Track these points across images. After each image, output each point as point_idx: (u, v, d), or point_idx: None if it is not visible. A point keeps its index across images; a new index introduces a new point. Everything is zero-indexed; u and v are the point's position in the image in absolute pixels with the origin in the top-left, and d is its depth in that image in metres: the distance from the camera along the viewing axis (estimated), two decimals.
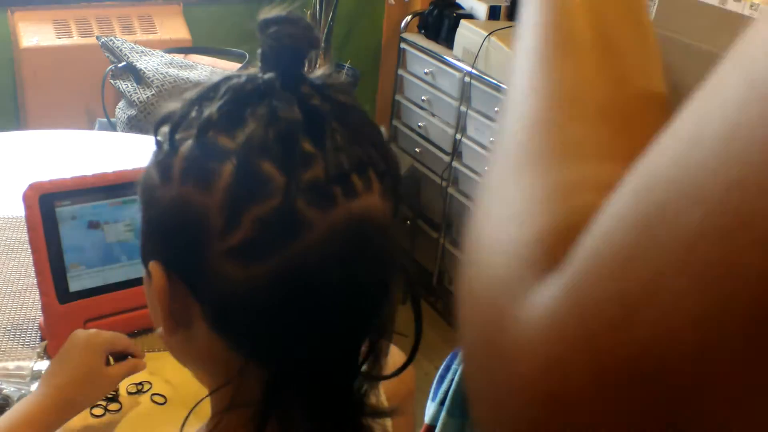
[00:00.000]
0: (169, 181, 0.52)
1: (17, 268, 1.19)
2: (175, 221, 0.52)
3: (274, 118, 0.50)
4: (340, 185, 0.50)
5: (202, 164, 0.51)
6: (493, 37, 2.04)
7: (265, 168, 0.49)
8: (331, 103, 0.52)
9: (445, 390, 0.96)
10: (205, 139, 0.51)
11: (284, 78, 0.52)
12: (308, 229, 0.49)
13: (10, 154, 1.57)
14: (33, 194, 0.98)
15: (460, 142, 2.24)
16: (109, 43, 2.17)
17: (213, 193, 0.50)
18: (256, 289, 0.50)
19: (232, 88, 0.52)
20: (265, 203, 0.49)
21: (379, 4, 2.68)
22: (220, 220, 0.49)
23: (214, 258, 0.50)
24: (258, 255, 0.49)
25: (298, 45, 0.52)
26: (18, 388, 0.91)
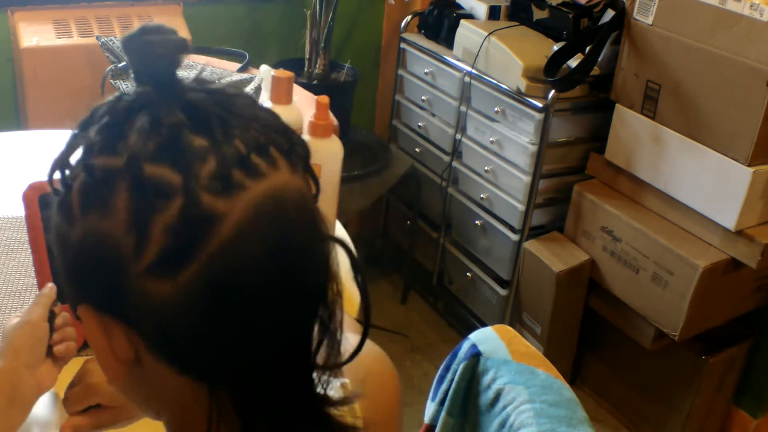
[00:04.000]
0: (73, 220, 0.51)
1: (17, 268, 1.19)
2: (89, 258, 0.50)
3: (156, 124, 0.48)
4: (240, 168, 0.48)
5: (96, 190, 0.49)
6: (493, 37, 2.04)
7: (159, 173, 0.47)
8: (212, 94, 0.51)
9: (445, 390, 0.96)
10: (91, 164, 0.50)
11: (159, 87, 0.50)
12: (221, 221, 0.47)
13: (10, 154, 1.57)
14: (33, 194, 0.98)
15: (460, 142, 2.24)
16: (109, 43, 2.17)
17: (115, 215, 0.48)
18: (189, 299, 0.48)
19: (109, 109, 0.51)
20: (168, 208, 0.47)
21: (379, 4, 2.67)
22: (130, 239, 0.48)
23: (137, 281, 0.48)
24: (179, 263, 0.47)
25: (165, 51, 0.50)
26: None
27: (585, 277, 2.04)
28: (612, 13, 1.94)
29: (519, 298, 2.16)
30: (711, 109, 1.72)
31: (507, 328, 0.97)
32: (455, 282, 2.40)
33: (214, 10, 2.44)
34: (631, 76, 1.89)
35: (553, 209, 2.14)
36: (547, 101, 1.92)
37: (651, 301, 1.88)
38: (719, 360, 1.95)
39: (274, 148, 0.51)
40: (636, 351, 2.02)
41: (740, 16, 1.62)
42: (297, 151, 0.53)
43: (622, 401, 2.17)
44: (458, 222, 2.33)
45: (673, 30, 1.77)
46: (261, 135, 0.51)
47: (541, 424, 0.82)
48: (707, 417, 2.06)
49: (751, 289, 1.90)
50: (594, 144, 2.07)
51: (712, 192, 1.75)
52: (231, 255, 0.48)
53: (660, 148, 1.85)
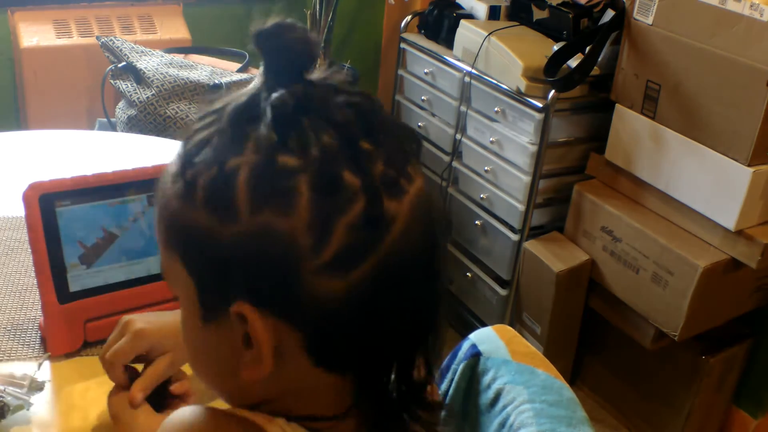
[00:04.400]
0: (235, 217, 0.49)
1: (17, 268, 1.19)
2: (255, 254, 0.49)
3: (332, 124, 0.50)
4: (402, 175, 0.52)
5: (276, 188, 0.49)
6: (493, 37, 2.04)
7: (342, 175, 0.49)
8: (364, 99, 0.53)
9: (445, 390, 0.96)
10: (270, 162, 0.49)
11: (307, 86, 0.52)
12: (394, 221, 0.50)
13: (10, 154, 1.57)
14: (33, 194, 0.98)
15: (460, 142, 2.24)
16: (109, 43, 2.17)
17: (296, 215, 0.48)
18: (355, 295, 0.50)
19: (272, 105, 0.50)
20: (351, 209, 0.49)
21: (379, 4, 2.68)
22: (309, 238, 0.48)
23: (310, 278, 0.49)
24: (354, 262, 0.49)
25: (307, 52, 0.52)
26: (14, 397, 0.91)
27: (585, 277, 2.04)
28: (612, 13, 1.94)
29: (519, 298, 2.16)
30: (711, 109, 1.72)
31: (507, 328, 0.97)
32: (455, 282, 2.40)
33: (214, 10, 2.44)
34: (631, 76, 1.89)
35: (553, 209, 2.14)
36: (547, 101, 1.92)
37: (651, 301, 1.88)
38: (719, 360, 1.95)
39: (412, 154, 0.55)
40: (636, 351, 2.02)
41: (740, 16, 1.62)
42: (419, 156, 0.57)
43: (622, 401, 2.17)
44: (458, 222, 2.33)
45: (673, 30, 1.77)
46: (404, 142, 0.55)
47: (541, 424, 0.82)
48: (707, 417, 2.06)
49: (751, 289, 1.90)
50: (594, 144, 2.07)
51: (712, 192, 1.75)
52: (397, 254, 0.51)
53: (660, 148, 1.85)
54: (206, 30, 2.42)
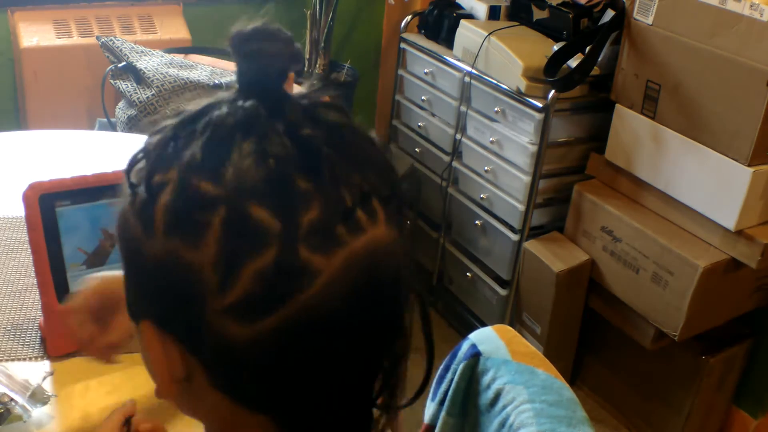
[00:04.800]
0: (152, 234, 0.46)
1: (17, 268, 1.19)
2: (165, 279, 0.47)
3: (264, 155, 0.44)
4: (343, 223, 0.45)
5: (188, 216, 0.45)
6: (493, 37, 2.04)
7: (259, 215, 0.44)
8: (324, 128, 0.47)
9: (445, 390, 0.96)
10: (188, 185, 0.45)
11: (268, 104, 0.46)
12: (314, 276, 0.44)
13: (10, 154, 1.57)
14: (33, 194, 0.98)
15: (460, 142, 2.24)
16: (109, 43, 2.17)
17: (204, 249, 0.44)
18: (259, 345, 0.45)
19: (213, 123, 0.46)
20: (263, 255, 0.43)
21: (379, 4, 2.68)
22: (215, 277, 0.44)
23: (213, 316, 0.45)
24: (261, 311, 0.44)
25: (281, 64, 0.47)
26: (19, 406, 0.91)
27: (585, 277, 2.04)
28: (612, 13, 1.94)
29: (519, 298, 2.16)
30: (711, 109, 1.72)
31: (507, 328, 0.97)
32: (455, 282, 2.40)
33: (214, 10, 2.44)
34: (631, 76, 1.89)
35: (553, 209, 2.14)
36: (547, 101, 1.92)
37: (651, 301, 1.88)
38: (719, 360, 1.95)
39: (376, 197, 0.48)
40: (636, 351, 2.02)
41: (740, 16, 1.62)
42: (397, 199, 0.50)
43: (622, 401, 2.17)
44: (458, 222, 2.33)
45: (673, 30, 1.77)
46: (367, 182, 0.47)
47: (541, 424, 0.82)
48: (707, 417, 2.06)
49: (751, 289, 1.90)
50: (594, 144, 2.07)
51: (712, 192, 1.75)
52: (316, 310, 0.45)
53: (660, 148, 1.85)
54: (206, 30, 2.42)
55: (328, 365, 0.48)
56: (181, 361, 0.49)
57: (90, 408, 0.95)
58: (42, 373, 0.97)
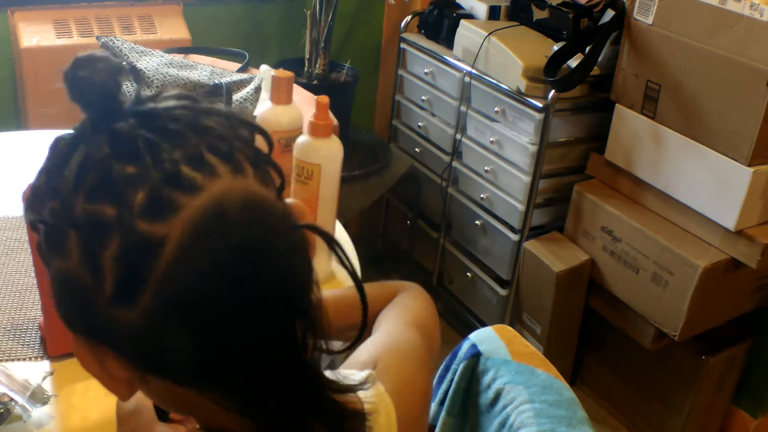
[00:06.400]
0: (48, 261, 0.53)
1: (17, 268, 1.19)
2: (64, 293, 0.53)
3: (87, 161, 0.50)
4: (171, 187, 0.48)
5: (51, 234, 0.51)
6: (493, 37, 2.04)
7: (94, 209, 0.48)
8: (141, 117, 0.51)
9: (445, 390, 0.96)
10: (39, 211, 0.52)
11: (94, 119, 0.51)
12: (162, 244, 0.48)
13: (10, 154, 1.57)
14: None
15: (460, 142, 2.24)
16: (109, 43, 2.17)
17: (70, 256, 0.50)
18: (153, 321, 0.49)
19: (53, 149, 0.52)
20: (111, 242, 0.48)
21: (379, 4, 2.68)
22: (88, 276, 0.50)
23: (105, 312, 0.50)
24: (134, 290, 0.48)
25: (98, 79, 0.51)
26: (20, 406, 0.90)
27: (585, 277, 2.04)
28: (612, 13, 1.94)
29: (519, 298, 2.16)
30: (711, 109, 1.72)
31: (507, 328, 0.97)
32: (455, 282, 2.40)
33: (214, 10, 2.44)
34: (631, 76, 1.89)
35: (553, 209, 2.14)
36: (547, 101, 1.92)
37: (651, 301, 1.88)
38: (719, 360, 1.95)
39: (212, 154, 0.50)
40: (636, 351, 2.02)
41: (740, 16, 1.62)
42: (241, 149, 0.52)
43: (622, 401, 2.17)
44: (458, 222, 2.33)
45: (673, 30, 1.77)
46: (195, 145, 0.50)
47: (541, 424, 0.82)
48: (707, 417, 2.06)
49: (751, 289, 1.90)
50: (594, 144, 2.07)
51: (712, 192, 1.75)
52: (180, 273, 0.48)
53: (660, 148, 1.85)
54: (206, 30, 2.41)
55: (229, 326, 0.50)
56: (117, 363, 0.53)
57: (90, 408, 0.95)
58: (42, 373, 0.97)
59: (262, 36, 2.49)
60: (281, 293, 0.53)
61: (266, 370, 0.53)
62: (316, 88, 2.29)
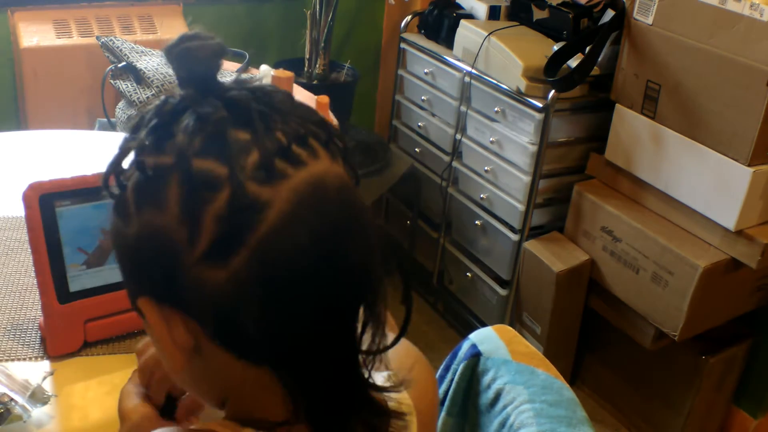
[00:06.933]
0: (129, 218, 0.53)
1: (17, 268, 1.19)
2: (146, 251, 0.53)
3: (202, 121, 0.51)
4: (282, 158, 0.51)
5: (149, 187, 0.52)
6: (493, 37, 2.04)
7: (207, 166, 0.50)
8: (252, 91, 0.54)
9: (445, 390, 0.96)
10: (143, 163, 0.52)
11: (201, 88, 0.53)
12: (267, 208, 0.50)
13: (10, 154, 1.57)
14: (33, 194, 0.98)
15: (460, 142, 2.24)
16: (109, 43, 2.17)
17: (169, 209, 0.51)
18: (241, 284, 0.50)
19: (157, 111, 0.54)
20: (217, 199, 0.50)
21: (379, 4, 2.68)
22: (183, 231, 0.50)
23: (192, 270, 0.51)
24: (229, 250, 0.50)
25: (203, 55, 0.53)
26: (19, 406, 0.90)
27: (585, 277, 2.04)
28: (612, 13, 1.94)
29: (519, 298, 2.16)
30: (711, 109, 1.72)
31: (507, 328, 0.97)
32: (455, 282, 2.40)
33: (214, 10, 2.44)
34: (631, 76, 1.89)
35: (553, 209, 2.14)
36: (547, 101, 1.92)
37: (651, 301, 1.88)
38: (719, 360, 1.95)
39: (314, 139, 0.54)
40: (636, 351, 2.02)
41: (740, 16, 1.62)
42: (335, 142, 0.56)
43: (622, 401, 2.17)
44: (458, 222, 2.33)
45: (673, 30, 1.77)
46: (300, 127, 0.53)
47: (541, 424, 0.82)
48: (707, 417, 2.06)
49: (751, 289, 1.90)
50: (594, 144, 2.07)
51: (712, 192, 1.75)
52: (278, 240, 0.50)
53: (660, 148, 1.85)
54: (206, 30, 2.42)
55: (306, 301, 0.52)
56: (184, 328, 0.54)
57: (90, 408, 0.95)
58: (42, 373, 0.97)
59: (262, 36, 2.49)
60: (360, 278, 0.55)
61: (327, 352, 0.55)
62: (316, 88, 2.29)
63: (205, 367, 0.56)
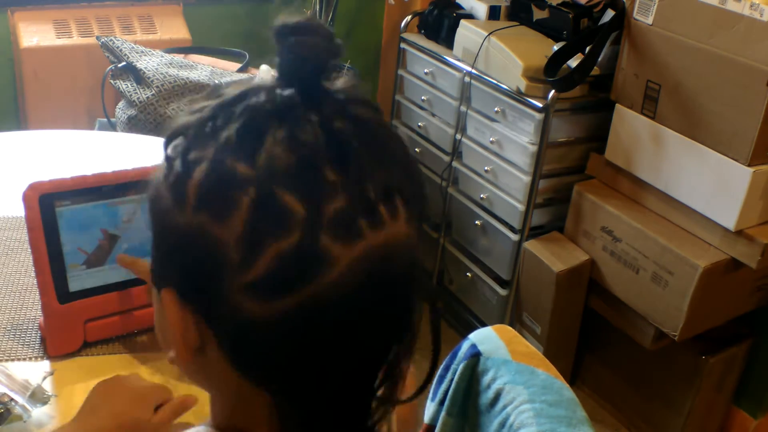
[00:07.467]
0: (183, 207, 0.49)
1: (17, 268, 1.19)
2: (190, 251, 0.49)
3: (296, 143, 0.47)
4: (365, 217, 0.47)
5: (219, 193, 0.47)
6: (493, 37, 2.04)
7: (286, 200, 0.46)
8: (355, 123, 0.49)
9: (445, 390, 0.96)
10: (222, 165, 0.47)
11: (305, 95, 0.48)
12: (331, 265, 0.46)
13: (10, 154, 1.57)
14: (33, 194, 0.98)
15: (460, 142, 2.24)
16: (109, 43, 2.17)
17: (230, 225, 0.47)
18: (273, 324, 0.48)
19: (250, 108, 0.48)
20: (285, 238, 0.46)
21: (379, 4, 2.68)
22: (238, 253, 0.46)
23: (232, 291, 0.47)
24: (277, 291, 0.47)
25: (320, 57, 0.49)
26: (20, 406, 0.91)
27: (585, 277, 2.04)
28: (612, 13, 1.94)
29: (519, 298, 2.16)
30: (711, 109, 1.72)
31: (507, 328, 0.97)
32: (455, 282, 2.40)
33: (214, 10, 2.44)
34: (631, 76, 1.89)
35: (553, 209, 2.14)
36: (547, 101, 1.92)
37: (651, 301, 1.88)
38: (719, 360, 1.95)
39: (398, 194, 0.50)
40: (636, 351, 2.02)
41: (740, 16, 1.62)
42: (417, 199, 0.52)
43: (622, 401, 2.17)
44: (458, 222, 2.33)
45: (673, 30, 1.77)
46: (391, 180, 0.49)
47: (541, 424, 0.82)
48: (707, 417, 2.06)
49: (751, 289, 1.90)
50: (594, 144, 2.07)
51: (712, 192, 1.75)
52: (330, 296, 0.47)
53: (660, 148, 1.85)
54: (206, 30, 2.42)
55: (335, 352, 0.50)
56: (197, 330, 0.51)
57: None
58: (42, 373, 0.97)
59: (262, 36, 2.49)
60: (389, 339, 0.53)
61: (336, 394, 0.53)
62: None
63: (204, 365, 0.54)
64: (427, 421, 0.98)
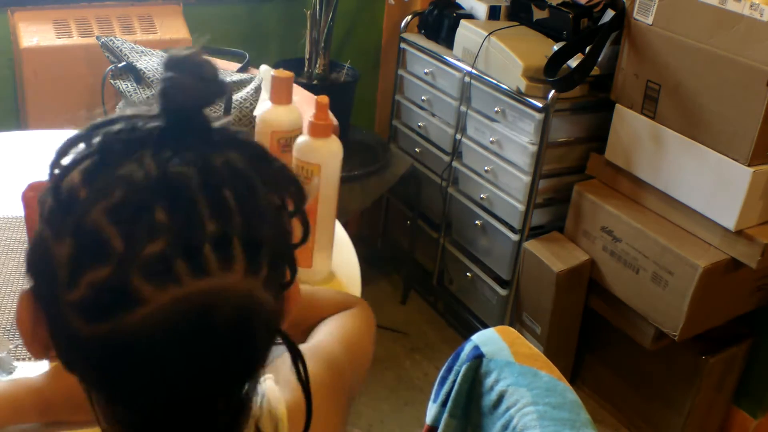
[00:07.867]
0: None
1: (17, 268, 1.19)
2: (38, 257, 0.51)
3: (131, 179, 0.47)
4: (185, 261, 0.47)
5: (58, 212, 0.49)
6: (493, 37, 2.04)
7: (109, 232, 0.47)
8: (212, 168, 0.49)
9: (447, 391, 0.96)
10: (67, 185, 0.49)
11: (167, 130, 0.49)
12: (140, 305, 0.47)
13: (10, 154, 1.57)
14: (33, 194, 0.98)
15: (460, 142, 2.24)
16: (109, 43, 2.17)
17: (63, 245, 0.49)
18: (92, 344, 0.49)
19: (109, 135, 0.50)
20: (100, 269, 0.47)
21: (379, 4, 2.67)
22: (65, 273, 0.49)
23: (63, 306, 0.49)
24: (93, 316, 0.48)
25: (190, 97, 0.49)
26: None
27: (585, 277, 2.04)
28: (612, 13, 1.94)
29: (519, 298, 2.16)
30: (711, 109, 1.72)
31: (509, 330, 0.97)
32: (455, 282, 2.40)
33: (214, 10, 2.44)
34: (631, 76, 1.89)
35: (553, 209, 2.14)
36: (547, 101, 1.92)
37: (651, 301, 1.88)
38: (719, 360, 1.95)
39: (241, 244, 0.49)
40: (636, 351, 2.02)
41: (740, 16, 1.62)
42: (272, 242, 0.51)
43: (622, 401, 2.18)
44: (458, 222, 2.33)
45: (673, 30, 1.77)
46: (237, 226, 0.49)
47: (544, 427, 0.82)
48: (707, 417, 2.06)
49: (751, 289, 1.90)
50: (594, 144, 2.07)
51: (712, 192, 1.75)
52: (140, 332, 0.47)
53: (660, 148, 1.85)
54: (206, 30, 2.41)
55: (153, 382, 0.50)
56: (45, 332, 0.53)
57: None
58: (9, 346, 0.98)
59: (262, 36, 2.49)
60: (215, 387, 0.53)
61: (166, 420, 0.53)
62: (316, 88, 2.29)
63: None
64: (429, 422, 0.98)
